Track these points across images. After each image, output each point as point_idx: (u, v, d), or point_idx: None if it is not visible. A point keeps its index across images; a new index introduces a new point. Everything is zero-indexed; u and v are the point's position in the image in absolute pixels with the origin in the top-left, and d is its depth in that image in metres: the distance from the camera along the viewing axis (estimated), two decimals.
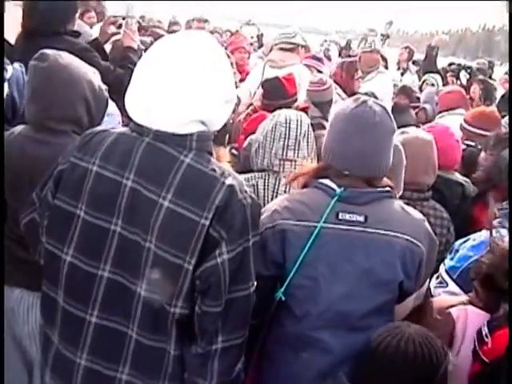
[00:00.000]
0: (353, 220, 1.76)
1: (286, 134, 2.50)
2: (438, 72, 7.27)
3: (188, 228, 1.50)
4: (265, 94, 3.72)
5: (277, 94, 3.64)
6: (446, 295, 2.12)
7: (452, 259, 2.17)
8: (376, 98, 4.92)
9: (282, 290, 1.75)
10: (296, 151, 2.49)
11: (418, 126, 3.58)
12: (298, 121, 2.53)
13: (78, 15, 5.38)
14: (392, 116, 1.85)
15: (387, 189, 1.83)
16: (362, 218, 1.75)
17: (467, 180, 2.90)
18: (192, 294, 1.53)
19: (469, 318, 1.81)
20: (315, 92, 3.81)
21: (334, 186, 1.80)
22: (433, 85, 6.75)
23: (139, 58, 1.88)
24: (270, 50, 5.22)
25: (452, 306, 1.89)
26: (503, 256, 1.76)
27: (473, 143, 3.20)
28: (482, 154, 2.83)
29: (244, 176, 2.45)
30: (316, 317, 1.75)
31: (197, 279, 1.52)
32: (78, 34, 3.10)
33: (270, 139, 2.52)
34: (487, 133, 3.45)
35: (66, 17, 3.02)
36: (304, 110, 3.37)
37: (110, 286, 1.56)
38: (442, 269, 2.18)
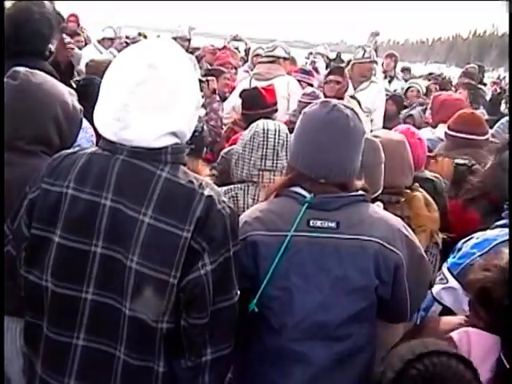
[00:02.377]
0: (324, 227, 1.71)
1: (263, 144, 2.48)
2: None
3: (171, 242, 1.48)
4: (243, 105, 3.71)
5: (255, 103, 3.63)
6: (437, 316, 2.04)
7: (454, 257, 2.15)
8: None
9: (255, 301, 1.69)
10: (274, 161, 2.48)
11: None
12: (275, 130, 2.51)
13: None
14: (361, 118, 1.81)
15: (360, 192, 1.79)
16: (333, 224, 1.71)
17: (437, 176, 2.83)
18: (177, 308, 1.52)
19: (472, 340, 1.68)
20: (307, 104, 3.77)
21: (304, 192, 1.75)
22: (418, 91, 6.80)
23: None
24: (253, 64, 5.36)
25: (451, 330, 1.74)
26: (501, 270, 1.66)
27: (463, 161, 3.03)
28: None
29: (224, 188, 2.43)
30: (293, 328, 1.69)
31: (180, 292, 1.50)
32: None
33: (248, 150, 2.50)
34: (472, 136, 3.40)
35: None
36: None
37: (95, 308, 1.54)
38: (444, 266, 2.16)
